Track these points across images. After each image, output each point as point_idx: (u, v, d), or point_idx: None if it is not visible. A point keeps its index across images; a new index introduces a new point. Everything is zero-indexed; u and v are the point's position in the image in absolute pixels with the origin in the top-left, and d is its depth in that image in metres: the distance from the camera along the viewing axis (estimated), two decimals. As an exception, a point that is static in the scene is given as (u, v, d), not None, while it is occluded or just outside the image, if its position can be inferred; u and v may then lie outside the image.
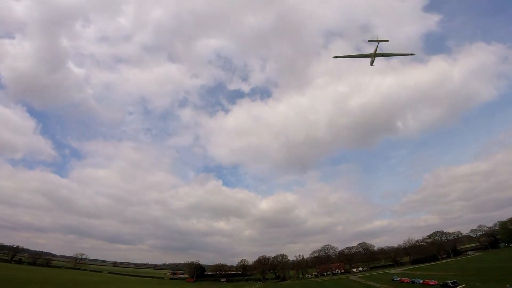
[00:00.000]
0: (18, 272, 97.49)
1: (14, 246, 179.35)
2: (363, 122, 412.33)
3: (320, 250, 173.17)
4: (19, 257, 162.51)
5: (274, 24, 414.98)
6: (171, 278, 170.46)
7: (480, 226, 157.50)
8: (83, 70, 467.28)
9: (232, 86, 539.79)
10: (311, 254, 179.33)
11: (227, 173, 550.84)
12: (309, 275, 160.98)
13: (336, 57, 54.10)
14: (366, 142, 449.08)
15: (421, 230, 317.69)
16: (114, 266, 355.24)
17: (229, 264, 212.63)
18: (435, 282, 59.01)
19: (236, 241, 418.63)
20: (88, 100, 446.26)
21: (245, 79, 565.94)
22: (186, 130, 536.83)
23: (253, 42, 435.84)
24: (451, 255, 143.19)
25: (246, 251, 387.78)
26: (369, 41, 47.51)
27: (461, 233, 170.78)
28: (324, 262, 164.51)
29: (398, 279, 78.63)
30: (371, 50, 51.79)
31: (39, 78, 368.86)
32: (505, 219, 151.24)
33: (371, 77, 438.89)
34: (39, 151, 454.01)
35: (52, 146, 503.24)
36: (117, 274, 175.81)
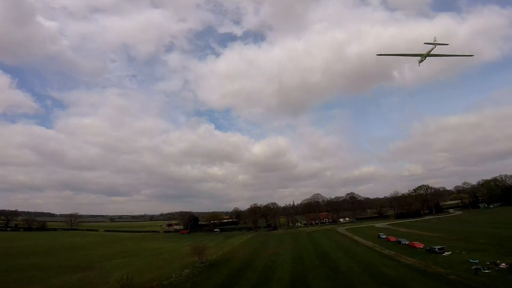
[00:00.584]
0: (11, 242, 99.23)
1: (11, 210, 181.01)
2: (359, 69, 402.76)
3: (310, 198, 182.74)
4: (15, 223, 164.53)
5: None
6: (165, 231, 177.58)
7: (465, 183, 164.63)
8: (55, 23, 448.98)
9: (222, 30, 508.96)
10: (302, 202, 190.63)
11: (219, 117, 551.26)
12: (298, 224, 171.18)
13: (380, 55, 49.75)
14: (360, 89, 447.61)
15: (404, 179, 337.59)
16: (111, 221, 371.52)
17: (224, 211, 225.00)
18: (421, 245, 60.99)
19: (230, 187, 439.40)
20: (64, 51, 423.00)
21: (237, 22, 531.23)
22: (174, 74, 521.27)
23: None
24: (433, 212, 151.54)
25: (240, 196, 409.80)
26: (425, 43, 44.84)
27: (445, 188, 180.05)
28: (313, 210, 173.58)
29: (384, 236, 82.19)
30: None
31: (6, 35, 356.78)
32: (486, 175, 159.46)
33: (371, 26, 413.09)
34: (19, 105, 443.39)
35: (32, 98, 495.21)
36: (113, 231, 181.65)
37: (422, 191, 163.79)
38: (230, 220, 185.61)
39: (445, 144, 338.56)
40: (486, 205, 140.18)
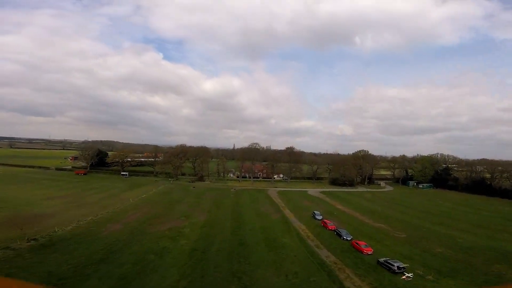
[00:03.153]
0: None
1: None
2: (325, 28, 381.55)
3: (248, 146, 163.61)
4: None
5: None
6: (58, 169, 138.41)
7: (402, 156, 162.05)
8: None
9: None
10: (240, 147, 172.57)
11: (170, 48, 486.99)
12: (231, 175, 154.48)
13: None
14: (321, 46, 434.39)
15: (335, 138, 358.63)
16: (10, 147, 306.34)
17: (161, 145, 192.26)
18: (370, 250, 45.74)
19: (172, 119, 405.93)
20: None
21: None
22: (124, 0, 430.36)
23: None
24: (366, 182, 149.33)
25: (183, 131, 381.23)
26: None
27: (382, 156, 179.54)
28: (250, 158, 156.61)
29: (320, 218, 67.48)
30: None
31: None
32: (403, 146, 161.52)
33: None
34: None
35: None
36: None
37: (359, 155, 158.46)
38: (151, 159, 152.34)
39: (377, 112, 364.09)
40: (415, 183, 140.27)
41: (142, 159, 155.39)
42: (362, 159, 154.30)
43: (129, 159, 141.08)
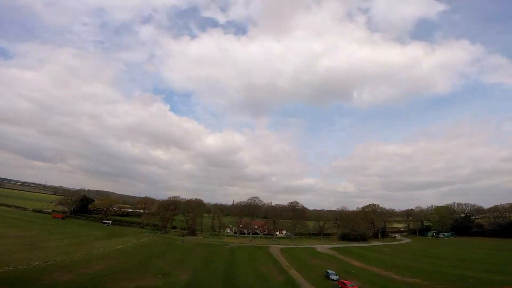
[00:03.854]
0: None
1: None
2: (324, 83, 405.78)
3: (247, 201, 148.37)
4: None
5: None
6: (35, 210, 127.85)
7: (417, 207, 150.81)
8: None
9: (207, 13, 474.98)
10: (239, 202, 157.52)
11: (178, 100, 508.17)
12: (228, 230, 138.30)
13: None
14: (320, 102, 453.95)
15: (337, 195, 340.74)
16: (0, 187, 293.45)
17: (158, 199, 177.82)
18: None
19: (172, 174, 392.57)
20: (34, 3, 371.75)
21: (224, 9, 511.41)
22: (142, 47, 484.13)
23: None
24: (379, 236, 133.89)
25: (182, 186, 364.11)
26: None
27: (394, 210, 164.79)
28: (249, 214, 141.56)
29: (336, 278, 53.31)
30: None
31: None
32: (405, 201, 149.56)
33: (349, 43, 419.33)
34: None
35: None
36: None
37: (368, 210, 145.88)
38: (140, 210, 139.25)
39: (378, 170, 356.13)
40: (434, 233, 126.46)
41: (130, 210, 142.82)
42: (373, 213, 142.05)
43: (115, 208, 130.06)
